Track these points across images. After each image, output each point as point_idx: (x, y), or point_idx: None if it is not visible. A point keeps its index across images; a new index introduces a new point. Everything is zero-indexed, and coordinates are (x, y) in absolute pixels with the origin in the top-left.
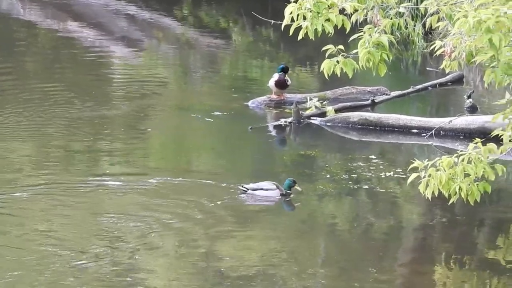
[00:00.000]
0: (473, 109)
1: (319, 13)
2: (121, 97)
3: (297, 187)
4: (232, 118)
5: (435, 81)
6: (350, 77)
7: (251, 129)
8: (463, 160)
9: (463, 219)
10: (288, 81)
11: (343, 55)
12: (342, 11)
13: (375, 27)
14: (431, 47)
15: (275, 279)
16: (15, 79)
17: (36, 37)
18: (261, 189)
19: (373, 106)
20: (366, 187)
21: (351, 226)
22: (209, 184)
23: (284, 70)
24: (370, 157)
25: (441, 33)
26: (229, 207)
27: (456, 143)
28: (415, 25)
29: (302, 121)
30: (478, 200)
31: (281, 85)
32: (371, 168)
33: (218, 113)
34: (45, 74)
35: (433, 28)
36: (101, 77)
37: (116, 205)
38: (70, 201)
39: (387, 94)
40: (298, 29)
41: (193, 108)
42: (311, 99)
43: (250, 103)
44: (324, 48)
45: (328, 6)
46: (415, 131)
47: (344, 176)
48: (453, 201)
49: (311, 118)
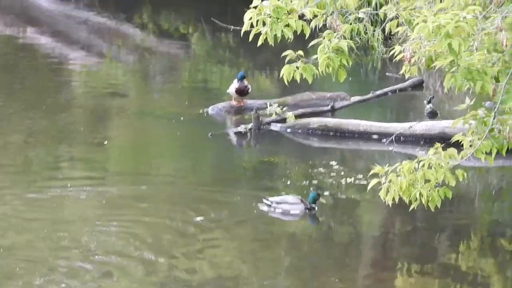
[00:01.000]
0: (433, 115)
1: (278, 18)
2: (81, 104)
3: (321, 199)
4: (192, 124)
5: (395, 87)
6: (310, 83)
7: (211, 135)
8: (423, 166)
9: (423, 225)
10: (249, 88)
11: (302, 61)
12: (302, 16)
13: (334, 32)
14: (391, 53)
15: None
16: None
17: None
18: (286, 202)
19: (333, 112)
20: (327, 193)
21: (311, 233)
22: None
23: (244, 77)
24: (331, 163)
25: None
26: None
27: (417, 149)
28: (374, 31)
29: (262, 127)
30: (439, 206)
31: (242, 92)
32: (331, 174)
33: (178, 119)
34: (3, 81)
35: (392, 33)
36: (61, 84)
37: (78, 215)
38: (30, 212)
39: (347, 100)
40: (258, 35)
41: (153, 114)
42: (271, 105)
43: (210, 110)
44: (283, 54)
45: (288, 11)
46: (375, 136)
47: (304, 182)
48: (414, 207)
49: (271, 124)
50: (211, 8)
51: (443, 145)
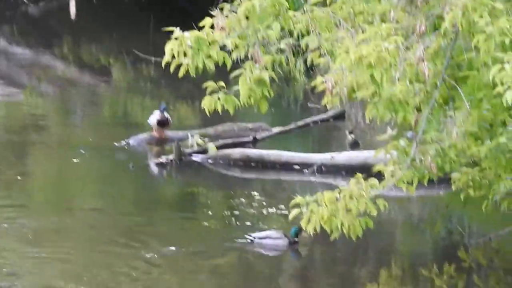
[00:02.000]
0: (355, 145)
1: (199, 49)
2: (0, 136)
3: (304, 234)
4: (113, 156)
5: (316, 117)
6: (231, 114)
7: (132, 167)
8: (345, 196)
9: (345, 254)
10: (170, 119)
11: (224, 92)
12: (223, 47)
13: (256, 63)
14: (313, 83)
15: None
16: None
17: None
18: (269, 237)
19: (254, 142)
20: (249, 223)
21: (233, 265)
22: (90, 221)
23: (166, 109)
24: (252, 193)
25: (322, 69)
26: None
27: (338, 179)
28: (296, 61)
29: (183, 158)
30: (360, 236)
31: (163, 123)
32: (253, 204)
33: (99, 151)
34: None
35: (314, 64)
36: None
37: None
38: None
39: (268, 131)
40: (180, 66)
41: (74, 146)
42: (192, 136)
43: (131, 141)
44: (205, 85)
45: (209, 42)
46: (297, 167)
47: (226, 213)
48: (335, 237)
49: (193, 155)
50: (132, 39)
51: (364, 175)
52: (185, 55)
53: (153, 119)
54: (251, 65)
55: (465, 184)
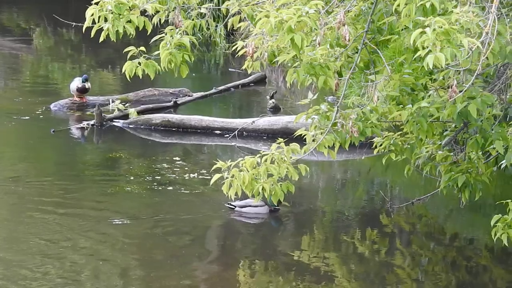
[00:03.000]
0: (276, 110)
1: (120, 14)
2: None
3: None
4: (34, 121)
5: (237, 82)
6: (152, 79)
7: (53, 131)
8: (266, 161)
9: (266, 220)
10: (88, 85)
11: (144, 57)
12: (144, 12)
13: (176, 28)
14: (233, 48)
15: None
16: None
17: None
18: (249, 206)
19: (175, 107)
20: (171, 188)
21: (153, 228)
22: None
23: (87, 79)
24: (174, 158)
25: (243, 33)
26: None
27: (260, 144)
28: (217, 26)
29: (104, 123)
30: (282, 200)
31: (82, 91)
32: (175, 169)
33: (20, 116)
34: None
35: (235, 28)
36: None
37: None
38: None
39: (189, 96)
40: (100, 31)
41: None
42: (113, 102)
43: (52, 106)
44: (125, 50)
45: (130, 7)
46: (218, 132)
47: (148, 178)
48: (257, 201)
49: (114, 120)
50: (53, 4)
51: (286, 140)
52: (106, 20)
53: (73, 85)
54: (171, 30)
55: (387, 148)
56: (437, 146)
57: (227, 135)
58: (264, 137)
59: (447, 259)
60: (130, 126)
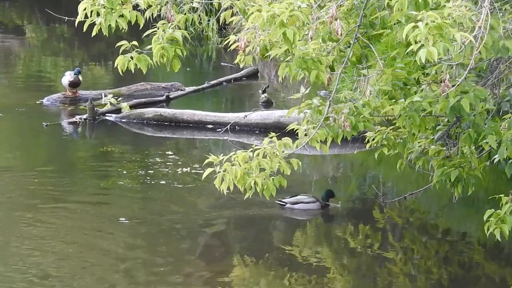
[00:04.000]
0: (268, 104)
1: (112, 9)
2: None
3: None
4: (27, 115)
5: (229, 76)
6: (144, 73)
7: (46, 126)
8: (258, 155)
9: (259, 214)
10: (80, 78)
11: (137, 51)
12: (136, 7)
13: (169, 22)
14: (226, 42)
15: None
16: None
17: None
18: (301, 202)
19: (168, 102)
20: (163, 182)
21: (148, 224)
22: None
23: (80, 72)
24: (167, 152)
25: (235, 28)
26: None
27: (252, 138)
28: (209, 20)
29: (97, 117)
30: (274, 195)
31: (75, 84)
32: (167, 163)
33: (12, 110)
34: None
35: (227, 23)
36: None
37: None
38: None
39: (181, 90)
40: (92, 25)
41: None
42: (106, 96)
43: (45, 100)
44: (118, 44)
45: (122, 2)
46: (210, 126)
47: (140, 172)
48: (249, 196)
49: (106, 114)
50: None
51: (278, 134)
52: (98, 14)
53: (65, 80)
54: (164, 24)
55: (379, 143)
56: (429, 140)
57: (219, 129)
58: (257, 131)
59: (439, 254)
60: (123, 120)
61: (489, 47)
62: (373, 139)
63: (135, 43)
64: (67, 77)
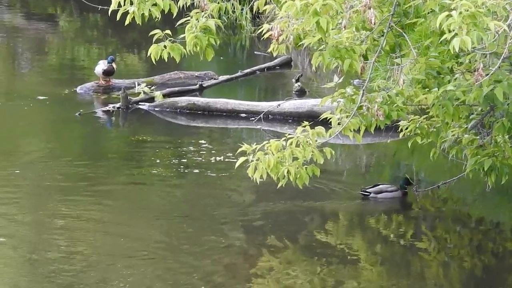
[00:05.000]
0: (301, 93)
1: None
2: None
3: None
4: (61, 104)
5: (263, 65)
6: (177, 62)
7: (79, 114)
8: (291, 144)
9: (292, 202)
10: (115, 69)
11: (170, 40)
12: None
13: (202, 11)
14: (259, 31)
15: None
16: None
17: None
18: (385, 191)
19: (201, 91)
20: (197, 171)
21: (182, 212)
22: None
23: (114, 60)
24: (200, 141)
25: (268, 16)
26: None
27: (285, 127)
28: (242, 9)
29: (130, 106)
30: (307, 184)
31: (108, 73)
32: (201, 152)
33: (46, 99)
34: None
35: (260, 11)
36: None
37: None
38: None
39: (215, 79)
40: (126, 14)
41: (21, 94)
42: (139, 85)
43: (78, 89)
44: (151, 33)
45: None
46: (243, 115)
47: (174, 161)
48: (282, 185)
49: (140, 103)
50: None
51: (311, 123)
52: (131, 3)
53: (99, 68)
54: (197, 13)
55: (413, 132)
56: (463, 129)
57: (252, 118)
58: (290, 120)
59: (472, 243)
60: (156, 109)
61: None
62: (407, 128)
63: (168, 32)
64: (101, 66)
